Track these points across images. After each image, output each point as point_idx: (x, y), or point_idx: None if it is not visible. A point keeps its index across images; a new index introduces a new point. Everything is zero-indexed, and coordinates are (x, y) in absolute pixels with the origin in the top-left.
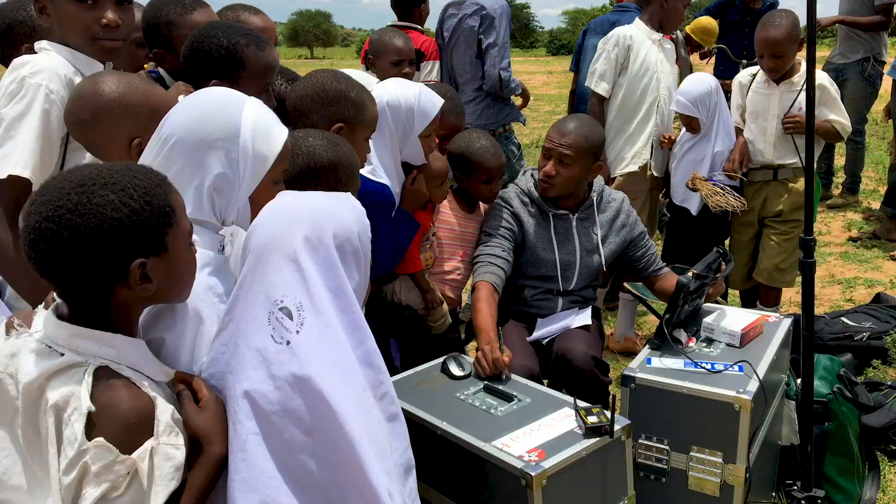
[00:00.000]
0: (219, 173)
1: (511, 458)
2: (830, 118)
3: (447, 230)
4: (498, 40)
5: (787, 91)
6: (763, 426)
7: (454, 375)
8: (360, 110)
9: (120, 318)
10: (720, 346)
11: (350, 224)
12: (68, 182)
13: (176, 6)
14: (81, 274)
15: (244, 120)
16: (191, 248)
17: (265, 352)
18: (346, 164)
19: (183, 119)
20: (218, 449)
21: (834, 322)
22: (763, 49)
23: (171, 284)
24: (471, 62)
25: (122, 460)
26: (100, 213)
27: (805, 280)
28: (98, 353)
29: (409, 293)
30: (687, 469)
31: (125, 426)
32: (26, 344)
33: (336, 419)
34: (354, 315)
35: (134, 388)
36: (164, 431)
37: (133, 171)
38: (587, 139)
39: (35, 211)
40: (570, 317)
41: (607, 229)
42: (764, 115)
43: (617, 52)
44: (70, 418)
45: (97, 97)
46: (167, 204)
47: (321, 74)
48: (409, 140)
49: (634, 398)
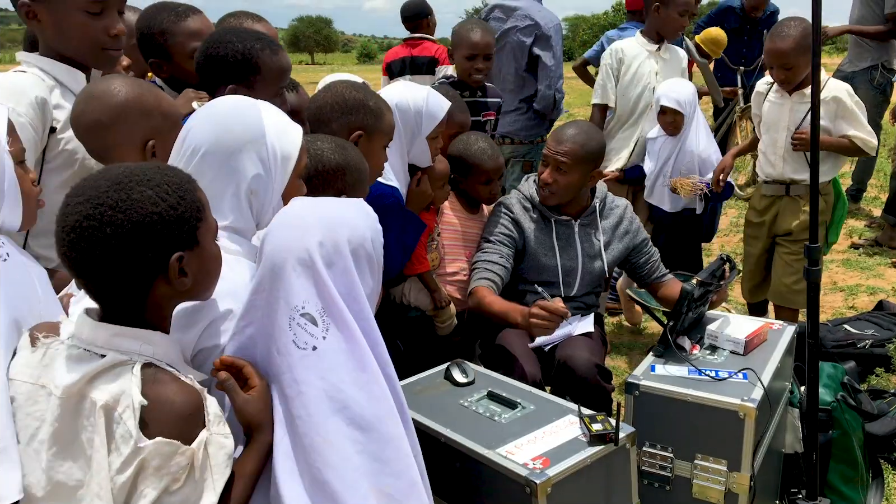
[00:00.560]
0: (254, 175)
1: (516, 466)
2: (849, 133)
3: (451, 231)
4: (555, 62)
5: (799, 103)
6: (767, 434)
7: (458, 382)
8: (378, 119)
9: (156, 314)
10: (724, 354)
11: (363, 230)
12: (104, 181)
13: (169, 14)
14: (122, 270)
15: (266, 121)
16: (217, 245)
17: (290, 357)
18: (354, 169)
19: (207, 130)
20: (268, 437)
21: (836, 329)
22: (772, 60)
23: (202, 279)
24: (517, 74)
25: (183, 451)
26: (140, 208)
27: (810, 287)
28: (140, 350)
29: (418, 294)
30: (691, 477)
31: (181, 419)
32: (60, 352)
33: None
34: (366, 322)
35: (181, 381)
36: (215, 421)
37: (162, 168)
38: (584, 146)
39: (73, 211)
40: (573, 324)
41: (610, 235)
42: (776, 127)
43: (611, 65)
44: (122, 416)
45: (112, 98)
46: (198, 199)
47: (340, 85)
48: (417, 142)
49: (638, 406)
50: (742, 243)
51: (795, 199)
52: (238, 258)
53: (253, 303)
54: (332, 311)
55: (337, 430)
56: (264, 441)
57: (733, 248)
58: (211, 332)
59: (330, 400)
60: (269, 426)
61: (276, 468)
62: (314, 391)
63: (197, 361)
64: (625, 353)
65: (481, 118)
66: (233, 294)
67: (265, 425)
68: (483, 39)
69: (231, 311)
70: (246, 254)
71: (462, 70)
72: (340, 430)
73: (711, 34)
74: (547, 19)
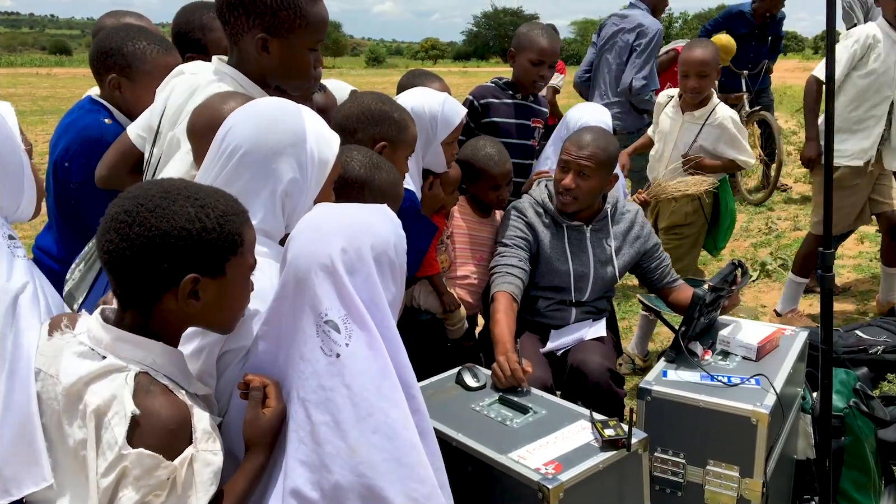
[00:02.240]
0: (291, 179)
1: (528, 471)
2: (731, 156)
3: (462, 235)
4: (642, 54)
5: (690, 122)
6: (780, 440)
7: (469, 386)
8: (402, 130)
9: (161, 327)
10: (736, 360)
11: (387, 236)
12: (157, 187)
13: (209, 11)
14: (137, 272)
15: (307, 127)
16: (248, 285)
17: (316, 363)
18: (376, 188)
19: (248, 130)
20: (263, 460)
21: (848, 335)
22: (690, 68)
23: (218, 311)
24: (618, 70)
25: (165, 466)
26: (173, 220)
27: (823, 293)
28: (137, 358)
29: (427, 297)
30: (703, 483)
31: (166, 432)
32: (69, 345)
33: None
34: (388, 330)
35: (171, 395)
36: (202, 438)
37: (219, 194)
38: (605, 150)
39: (119, 204)
40: (585, 328)
41: (621, 241)
42: (665, 140)
43: (855, 49)
44: (111, 422)
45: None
46: (238, 233)
47: (367, 96)
48: (432, 147)
49: (650, 411)
50: (752, 248)
51: (670, 199)
52: (268, 260)
53: (276, 309)
54: (355, 318)
55: (363, 438)
56: (258, 462)
57: (743, 252)
58: (237, 333)
59: (355, 407)
60: (268, 450)
61: (291, 478)
62: (339, 398)
63: (223, 364)
64: None
65: (530, 123)
66: (260, 296)
67: (265, 447)
68: (552, 47)
69: (258, 311)
70: (274, 256)
71: (524, 73)
72: (366, 437)
73: (721, 41)
74: (650, 25)
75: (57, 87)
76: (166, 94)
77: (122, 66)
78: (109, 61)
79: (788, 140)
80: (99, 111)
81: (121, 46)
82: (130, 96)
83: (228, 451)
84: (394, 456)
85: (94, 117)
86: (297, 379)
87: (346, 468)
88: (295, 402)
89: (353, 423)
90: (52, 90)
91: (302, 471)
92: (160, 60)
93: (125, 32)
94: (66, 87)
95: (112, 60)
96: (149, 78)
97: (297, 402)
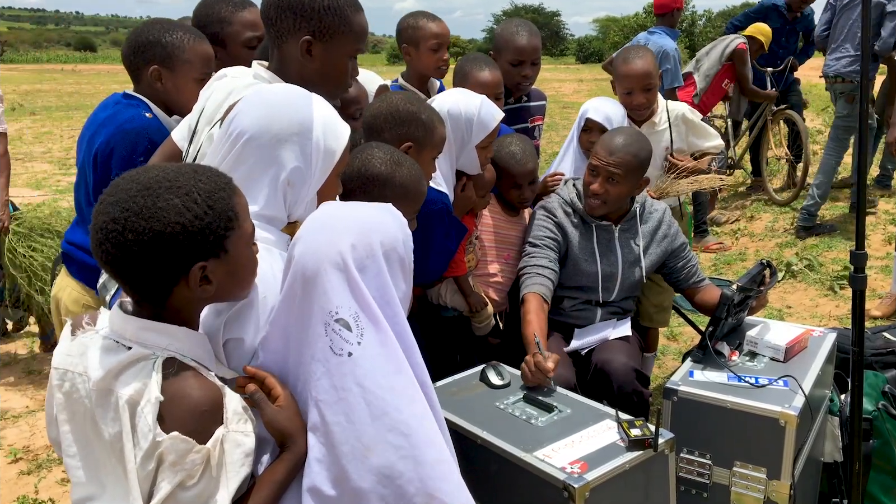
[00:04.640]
0: (294, 167)
1: (553, 470)
2: (704, 146)
3: (490, 233)
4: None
5: (652, 133)
6: (807, 442)
7: (493, 384)
8: (429, 132)
9: (176, 315)
10: (764, 361)
11: (396, 232)
12: (135, 184)
13: (228, 4)
14: (143, 273)
15: (315, 115)
16: (252, 249)
17: (327, 363)
18: (397, 185)
19: (254, 116)
20: (302, 446)
21: (876, 337)
22: (633, 83)
23: (231, 285)
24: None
25: (198, 450)
26: (163, 217)
27: (855, 295)
28: (163, 344)
29: (454, 296)
30: (729, 484)
31: (197, 414)
32: (93, 341)
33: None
34: (399, 326)
35: (201, 377)
36: (233, 419)
37: (198, 173)
38: (636, 156)
39: (103, 211)
40: (609, 328)
41: (649, 240)
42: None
43: None
44: (143, 410)
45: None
46: (230, 208)
47: (395, 96)
48: (466, 150)
49: (676, 411)
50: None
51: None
52: (268, 247)
53: (284, 308)
54: (367, 315)
55: (378, 437)
56: (298, 451)
57: (769, 252)
58: (238, 321)
59: (369, 406)
60: (302, 434)
61: (308, 476)
62: (353, 397)
63: (225, 351)
64: (658, 358)
65: (528, 124)
66: (261, 281)
67: (298, 433)
68: (531, 44)
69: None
70: (275, 243)
71: (507, 76)
72: (382, 436)
73: (760, 27)
74: None
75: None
76: (208, 94)
77: (162, 56)
78: (149, 53)
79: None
80: (138, 105)
81: (159, 38)
82: (171, 86)
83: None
84: (411, 454)
85: (134, 111)
86: (309, 379)
87: (364, 468)
88: (308, 402)
89: (367, 422)
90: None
91: (318, 469)
92: (197, 48)
93: (160, 25)
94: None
95: (152, 52)
96: (188, 66)
97: (310, 403)
